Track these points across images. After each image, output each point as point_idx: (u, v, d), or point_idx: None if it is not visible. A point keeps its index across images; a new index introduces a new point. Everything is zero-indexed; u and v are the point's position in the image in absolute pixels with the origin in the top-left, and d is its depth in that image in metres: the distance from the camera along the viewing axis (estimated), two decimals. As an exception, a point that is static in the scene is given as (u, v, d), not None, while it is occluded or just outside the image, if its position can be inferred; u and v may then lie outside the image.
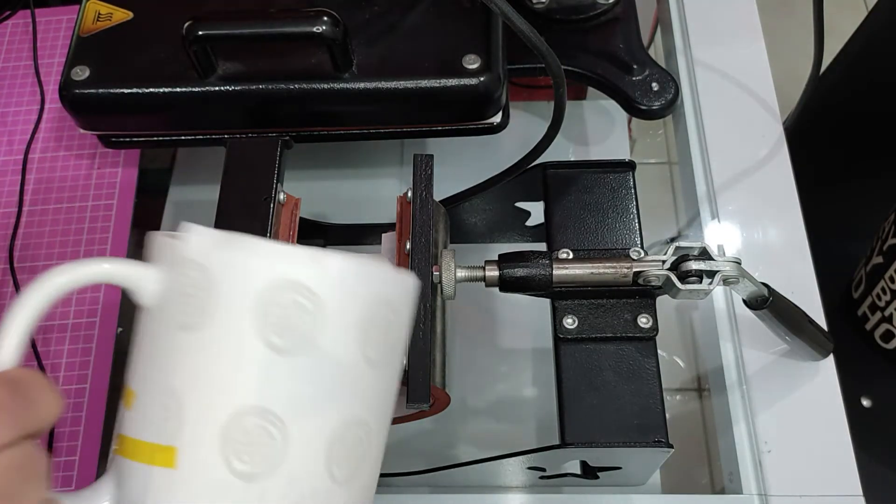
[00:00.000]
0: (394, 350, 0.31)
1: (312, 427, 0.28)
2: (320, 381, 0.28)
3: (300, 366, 0.27)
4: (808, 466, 0.45)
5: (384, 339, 0.30)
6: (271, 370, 0.27)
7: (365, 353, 0.29)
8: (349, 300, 0.28)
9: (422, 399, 0.37)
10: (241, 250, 0.28)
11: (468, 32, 0.48)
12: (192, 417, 0.27)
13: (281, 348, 0.27)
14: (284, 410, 0.27)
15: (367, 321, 0.29)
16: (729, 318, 0.50)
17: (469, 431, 0.52)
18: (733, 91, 0.58)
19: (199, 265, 0.27)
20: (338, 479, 0.29)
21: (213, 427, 0.27)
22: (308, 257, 0.28)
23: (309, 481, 0.28)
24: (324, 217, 0.54)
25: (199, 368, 0.27)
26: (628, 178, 0.47)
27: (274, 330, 0.27)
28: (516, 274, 0.41)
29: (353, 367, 0.28)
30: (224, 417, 0.27)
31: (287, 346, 0.27)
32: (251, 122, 0.49)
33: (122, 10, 0.51)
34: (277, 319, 0.27)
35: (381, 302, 0.29)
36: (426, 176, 0.42)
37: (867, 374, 0.72)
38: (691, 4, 0.62)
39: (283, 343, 0.27)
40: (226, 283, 0.27)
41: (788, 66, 0.72)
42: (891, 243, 0.66)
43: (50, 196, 0.57)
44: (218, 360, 0.27)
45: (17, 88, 0.62)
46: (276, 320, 0.27)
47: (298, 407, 0.27)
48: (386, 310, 0.29)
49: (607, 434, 0.39)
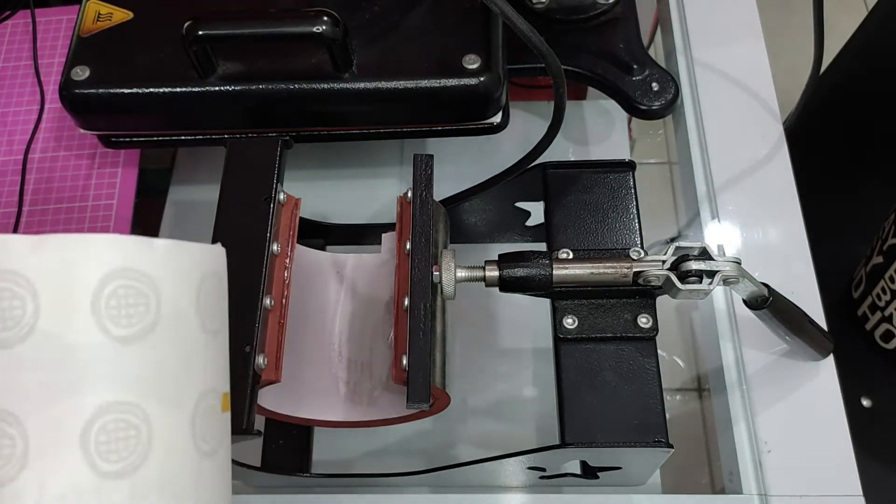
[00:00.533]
0: (225, 316, 0.31)
1: (173, 406, 0.27)
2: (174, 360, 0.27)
3: (149, 350, 0.27)
4: (808, 466, 0.45)
5: (218, 308, 0.30)
6: (121, 361, 0.26)
7: (203, 324, 0.29)
8: (181, 277, 0.28)
9: (422, 399, 0.37)
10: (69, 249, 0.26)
11: (468, 32, 0.48)
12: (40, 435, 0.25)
13: (126, 337, 0.26)
14: (143, 398, 0.26)
15: (199, 294, 0.29)
16: (729, 318, 0.50)
17: (469, 431, 0.52)
18: (733, 91, 0.58)
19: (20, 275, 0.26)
20: (205, 452, 0.28)
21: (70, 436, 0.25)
22: (136, 242, 0.27)
23: (180, 461, 0.27)
24: (324, 217, 0.54)
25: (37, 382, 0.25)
26: (628, 178, 0.47)
27: (113, 321, 0.26)
28: (516, 274, 0.41)
29: (197, 340, 0.28)
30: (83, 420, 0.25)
31: (131, 333, 0.26)
32: (251, 122, 0.49)
33: (122, 10, 0.51)
34: (116, 309, 0.26)
35: (207, 274, 0.29)
36: (426, 176, 0.42)
37: (867, 374, 0.72)
38: (691, 4, 0.62)
39: (127, 332, 0.26)
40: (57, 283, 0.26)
41: (788, 66, 0.72)
42: (891, 243, 0.66)
43: (50, 196, 0.57)
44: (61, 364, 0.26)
45: (17, 88, 0.62)
46: (114, 311, 0.26)
47: (156, 390, 0.27)
48: (213, 280, 0.30)
49: (607, 434, 0.39)
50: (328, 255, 0.49)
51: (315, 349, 0.45)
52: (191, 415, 0.28)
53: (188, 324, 0.28)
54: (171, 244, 0.28)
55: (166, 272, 0.28)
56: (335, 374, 0.45)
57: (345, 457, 0.52)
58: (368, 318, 0.46)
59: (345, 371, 0.45)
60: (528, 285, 0.41)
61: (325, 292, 0.47)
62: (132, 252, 0.27)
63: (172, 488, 0.27)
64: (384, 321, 0.45)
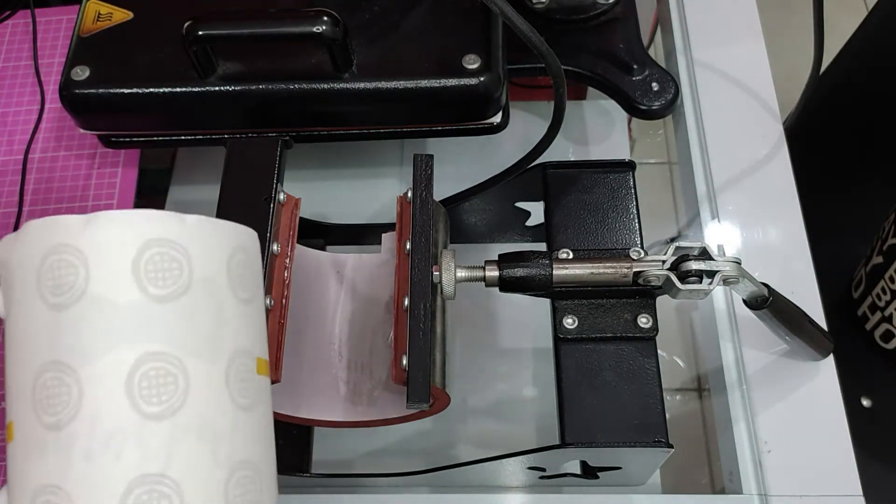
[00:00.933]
0: (259, 288, 0.35)
1: (208, 360, 0.31)
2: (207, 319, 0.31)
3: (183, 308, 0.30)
4: (808, 466, 0.45)
5: (251, 279, 0.34)
6: (159, 317, 0.30)
7: (234, 291, 0.32)
8: (210, 249, 0.32)
9: (422, 399, 0.37)
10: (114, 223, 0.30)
11: (468, 32, 0.48)
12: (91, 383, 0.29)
13: (162, 296, 0.30)
14: (178, 349, 0.30)
15: (230, 264, 0.32)
16: (729, 318, 0.50)
17: (469, 431, 0.52)
18: (733, 91, 0.58)
19: (74, 247, 0.30)
20: (241, 405, 0.32)
21: (116, 383, 0.29)
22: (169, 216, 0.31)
23: (216, 408, 0.31)
24: (324, 217, 0.54)
25: (81, 336, 0.29)
26: (628, 178, 0.47)
27: (152, 283, 0.30)
28: (516, 274, 0.41)
29: (229, 304, 0.32)
30: (127, 368, 0.29)
31: (167, 293, 0.30)
32: (251, 122, 0.49)
33: (122, 10, 0.51)
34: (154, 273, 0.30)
35: (237, 248, 0.33)
36: (426, 176, 0.42)
37: (867, 374, 0.72)
38: (691, 4, 0.62)
39: (163, 292, 0.30)
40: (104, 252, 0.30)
41: (788, 66, 0.72)
42: (891, 243, 0.66)
43: (50, 196, 0.57)
44: (108, 321, 0.29)
45: (17, 88, 0.62)
46: (152, 274, 0.30)
47: (191, 344, 0.30)
48: (243, 255, 0.33)
49: (607, 434, 0.39)
50: (328, 255, 0.49)
51: (315, 349, 0.45)
52: (224, 369, 0.31)
53: (219, 288, 0.32)
54: (199, 219, 0.32)
55: (196, 242, 0.32)
56: (335, 374, 0.45)
57: (345, 457, 0.52)
58: (368, 318, 0.46)
59: (345, 371, 0.45)
60: (528, 285, 0.41)
61: (325, 292, 0.47)
62: (166, 225, 0.31)
63: (211, 432, 0.30)
64: (384, 321, 0.45)
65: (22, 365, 0.30)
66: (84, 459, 0.29)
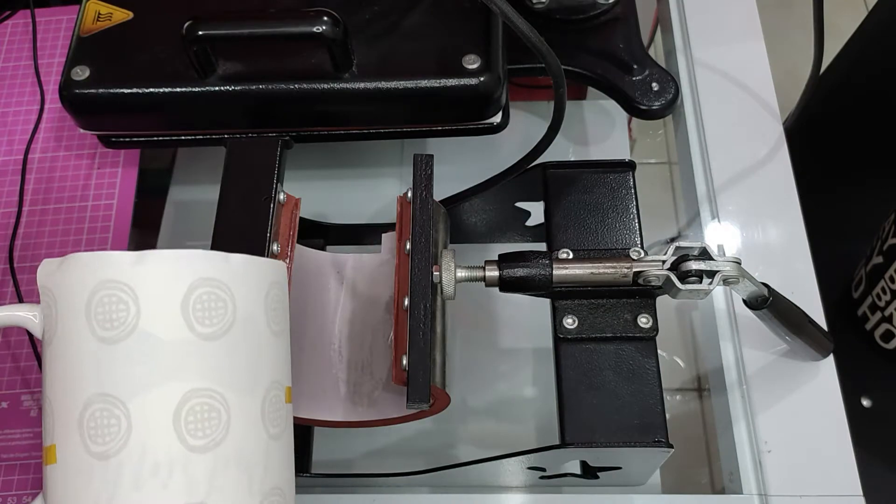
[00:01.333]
0: (286, 320, 0.36)
1: (247, 394, 0.32)
2: (247, 354, 0.33)
3: (227, 345, 0.32)
4: (808, 466, 0.45)
5: (282, 313, 0.35)
6: (205, 354, 0.31)
7: (270, 326, 0.34)
8: (251, 287, 0.33)
9: (422, 399, 0.37)
10: (164, 262, 0.32)
11: (468, 32, 0.48)
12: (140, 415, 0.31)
13: (209, 334, 0.32)
14: (223, 385, 0.32)
15: (266, 300, 0.34)
16: (729, 318, 0.50)
17: (469, 431, 0.52)
18: (733, 91, 0.58)
19: (124, 284, 0.31)
20: (273, 434, 0.33)
21: (164, 415, 0.31)
22: (216, 256, 0.33)
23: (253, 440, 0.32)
24: (324, 217, 0.54)
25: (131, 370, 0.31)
26: (628, 178, 0.47)
27: (199, 321, 0.31)
28: (516, 274, 0.41)
29: (266, 338, 0.34)
30: (175, 402, 0.31)
31: (213, 331, 0.32)
32: (251, 122, 0.49)
33: (122, 10, 0.51)
34: (201, 311, 0.32)
35: (272, 284, 0.35)
36: (426, 176, 0.42)
37: (867, 374, 0.72)
38: (691, 4, 0.62)
39: (210, 330, 0.32)
40: (154, 290, 0.31)
41: (788, 66, 0.72)
42: (891, 243, 0.66)
43: (50, 196, 0.57)
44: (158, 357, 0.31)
45: (17, 88, 0.62)
46: (200, 313, 0.32)
47: (233, 380, 0.32)
48: (277, 290, 0.35)
49: (607, 434, 0.39)
50: (328, 255, 0.49)
51: (315, 349, 0.45)
52: (261, 402, 0.33)
53: (258, 325, 0.34)
54: (244, 259, 0.34)
55: (240, 281, 0.33)
56: (335, 375, 0.45)
57: (345, 457, 0.52)
58: (368, 318, 0.46)
59: (345, 371, 0.45)
60: (528, 285, 0.41)
61: (325, 292, 0.47)
62: (213, 264, 0.32)
63: (247, 462, 0.32)
64: (384, 321, 0.45)
65: (68, 393, 0.31)
66: (133, 488, 0.30)
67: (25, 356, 0.52)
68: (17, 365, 0.52)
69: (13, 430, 0.50)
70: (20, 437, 0.49)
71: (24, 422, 0.50)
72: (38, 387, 0.51)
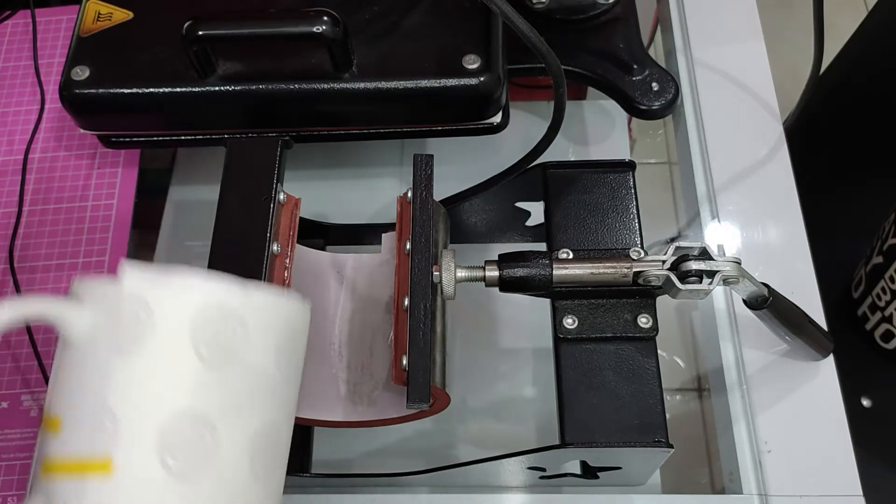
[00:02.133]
0: (298, 363, 0.36)
1: (238, 428, 0.32)
2: (245, 388, 0.32)
3: (228, 375, 0.31)
4: (808, 466, 0.45)
5: (292, 355, 0.34)
6: (203, 380, 0.31)
7: (278, 365, 0.33)
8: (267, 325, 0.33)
9: (422, 399, 0.37)
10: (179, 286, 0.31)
11: (468, 32, 0.48)
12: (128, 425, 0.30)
13: (212, 362, 0.31)
14: (215, 414, 0.31)
15: (279, 340, 0.33)
16: (729, 318, 0.50)
17: (469, 431, 0.52)
18: (733, 91, 0.58)
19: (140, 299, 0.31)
20: (258, 477, 0.32)
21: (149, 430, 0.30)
22: (238, 288, 0.32)
23: (235, 478, 0.31)
24: (324, 217, 0.54)
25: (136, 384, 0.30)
26: (628, 178, 0.47)
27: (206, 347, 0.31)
28: (516, 274, 0.41)
29: (270, 377, 0.33)
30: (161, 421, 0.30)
31: (217, 360, 0.31)
32: (251, 122, 0.49)
33: (122, 10, 0.51)
34: (210, 339, 0.31)
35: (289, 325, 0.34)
36: (426, 176, 0.42)
37: (867, 374, 0.72)
38: (691, 4, 0.62)
39: (214, 358, 0.31)
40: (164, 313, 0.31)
41: (788, 66, 0.72)
42: (891, 243, 0.66)
43: (50, 196, 0.57)
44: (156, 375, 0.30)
45: (17, 88, 0.62)
46: (208, 339, 0.31)
47: (226, 411, 0.31)
48: (292, 333, 0.34)
49: (607, 434, 0.39)
50: (328, 255, 0.49)
51: (315, 349, 0.45)
52: (251, 437, 0.32)
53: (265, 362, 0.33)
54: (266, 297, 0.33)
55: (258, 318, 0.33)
56: (335, 374, 0.45)
57: (345, 457, 0.52)
58: (368, 318, 0.46)
59: (345, 371, 0.45)
60: (528, 285, 0.41)
61: (325, 292, 0.47)
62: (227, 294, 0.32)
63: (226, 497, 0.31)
64: (384, 321, 0.45)
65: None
66: None
67: (25, 356, 0.52)
68: (17, 365, 0.52)
69: (13, 430, 0.50)
70: (20, 437, 0.49)
71: (24, 422, 0.50)
72: (39, 387, 0.51)
